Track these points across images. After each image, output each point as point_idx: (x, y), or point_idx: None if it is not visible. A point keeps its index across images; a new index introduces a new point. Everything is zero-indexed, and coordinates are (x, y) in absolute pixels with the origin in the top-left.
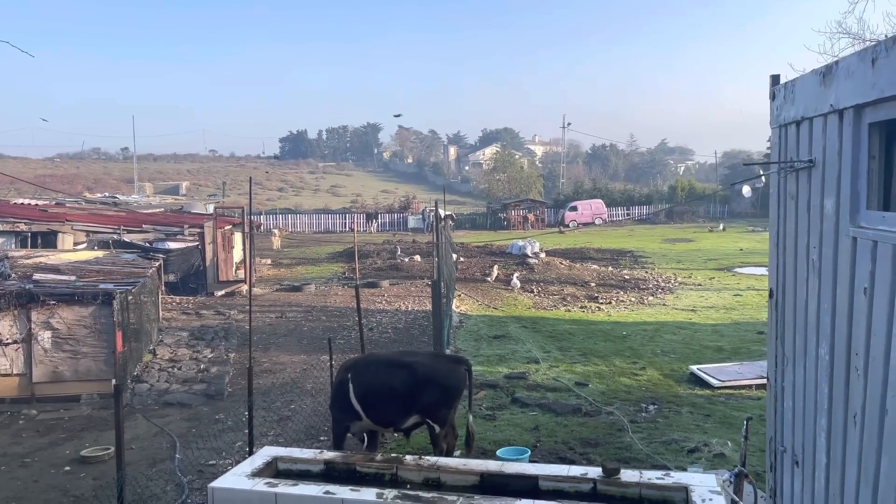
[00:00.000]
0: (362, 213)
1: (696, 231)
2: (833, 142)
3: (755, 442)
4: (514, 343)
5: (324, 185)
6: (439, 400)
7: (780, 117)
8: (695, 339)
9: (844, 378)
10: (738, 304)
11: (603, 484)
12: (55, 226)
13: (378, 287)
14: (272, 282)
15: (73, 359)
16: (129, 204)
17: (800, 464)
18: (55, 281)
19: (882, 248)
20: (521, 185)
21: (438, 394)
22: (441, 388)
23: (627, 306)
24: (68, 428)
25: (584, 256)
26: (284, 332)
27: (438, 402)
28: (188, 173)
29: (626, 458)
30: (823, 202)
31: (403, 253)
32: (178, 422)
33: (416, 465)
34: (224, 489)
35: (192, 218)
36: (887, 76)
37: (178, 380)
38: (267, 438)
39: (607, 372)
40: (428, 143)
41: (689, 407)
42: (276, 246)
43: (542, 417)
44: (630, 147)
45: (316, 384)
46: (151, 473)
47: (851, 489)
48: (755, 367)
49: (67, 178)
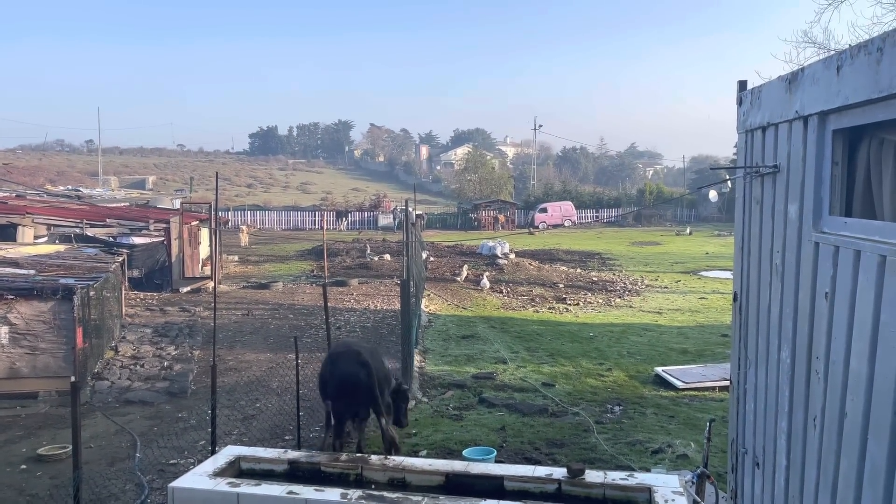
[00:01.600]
0: (332, 211)
1: (664, 234)
2: (797, 148)
3: (718, 443)
4: (483, 343)
5: (294, 181)
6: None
7: (747, 123)
8: (660, 341)
9: (805, 381)
10: (704, 307)
11: (568, 484)
12: (15, 218)
13: (347, 286)
14: (239, 279)
15: (31, 355)
16: (93, 197)
17: (760, 465)
18: (13, 275)
19: (843, 254)
20: (492, 186)
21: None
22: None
23: (595, 308)
24: (25, 426)
25: (553, 258)
26: (251, 329)
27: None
28: (155, 167)
29: (591, 458)
30: (787, 207)
31: (373, 251)
32: (140, 420)
33: (381, 466)
34: (185, 489)
35: (158, 213)
36: (852, 84)
37: (140, 377)
38: (231, 437)
39: (574, 373)
40: (400, 141)
41: (654, 408)
42: (243, 243)
43: (508, 418)
44: (600, 150)
45: (282, 383)
46: (110, 473)
47: (811, 491)
48: (719, 369)
49: (29, 170)
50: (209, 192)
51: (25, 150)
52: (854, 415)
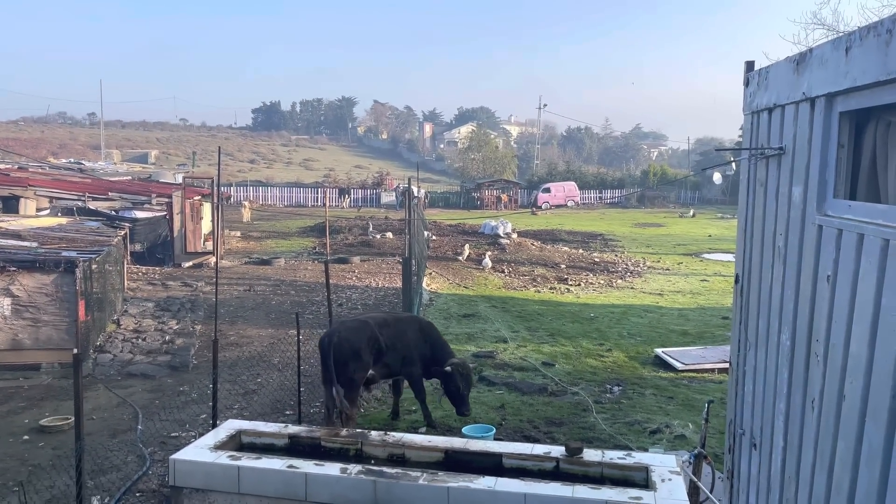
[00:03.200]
0: (335, 188)
1: (667, 216)
2: (804, 130)
3: (716, 424)
4: (483, 322)
5: (296, 158)
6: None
7: (753, 104)
8: (661, 323)
9: (804, 364)
10: (705, 289)
11: (566, 463)
12: (17, 191)
13: (349, 263)
14: (241, 254)
15: (33, 327)
16: (96, 171)
17: (757, 446)
18: (16, 247)
19: (847, 237)
20: (496, 165)
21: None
22: None
23: (596, 288)
24: (28, 397)
25: (555, 238)
26: (252, 305)
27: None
28: (157, 141)
29: (589, 437)
30: (791, 190)
31: (375, 229)
32: (141, 393)
33: (381, 442)
34: (186, 461)
35: (161, 187)
36: (860, 65)
37: (142, 351)
38: (232, 412)
39: (574, 353)
40: (403, 119)
41: (653, 389)
42: (246, 218)
43: (508, 396)
44: (605, 131)
45: (283, 358)
46: (112, 444)
47: (807, 472)
48: (718, 351)
49: (31, 143)
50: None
51: (28, 122)
52: (852, 397)
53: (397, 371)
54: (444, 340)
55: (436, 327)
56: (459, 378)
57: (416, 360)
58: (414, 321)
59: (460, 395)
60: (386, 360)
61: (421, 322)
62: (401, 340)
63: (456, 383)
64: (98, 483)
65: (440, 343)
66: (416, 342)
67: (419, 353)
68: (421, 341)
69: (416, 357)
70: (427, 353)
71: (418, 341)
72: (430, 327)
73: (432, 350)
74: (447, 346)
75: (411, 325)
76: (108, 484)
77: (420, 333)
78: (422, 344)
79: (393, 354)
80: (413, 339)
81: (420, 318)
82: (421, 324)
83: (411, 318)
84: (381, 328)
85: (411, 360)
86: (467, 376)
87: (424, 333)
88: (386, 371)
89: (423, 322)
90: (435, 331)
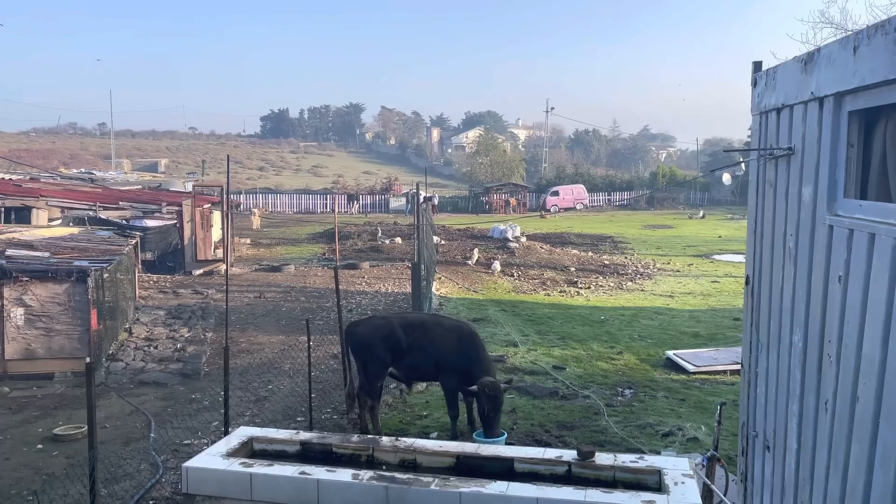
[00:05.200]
0: (343, 194)
1: (676, 218)
2: (812, 129)
3: (728, 426)
4: (494, 326)
5: (305, 164)
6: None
7: (761, 104)
8: (672, 325)
9: (817, 365)
10: (716, 290)
11: (578, 467)
12: (29, 201)
13: (358, 268)
14: (251, 262)
15: (46, 336)
16: (106, 180)
17: (771, 449)
18: (28, 257)
19: (858, 237)
20: (504, 169)
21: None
22: None
23: (606, 291)
24: (41, 406)
25: (564, 241)
26: (263, 312)
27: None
28: (167, 150)
29: (601, 441)
30: (801, 190)
31: (384, 235)
32: (154, 401)
33: (392, 447)
34: (199, 469)
35: (171, 196)
36: (869, 64)
37: (154, 359)
38: (243, 419)
39: (585, 356)
40: (411, 124)
41: (665, 391)
42: (255, 226)
43: (519, 400)
44: (613, 133)
45: (294, 365)
46: (125, 452)
47: (821, 475)
48: (730, 352)
49: (42, 153)
50: (221, 175)
51: (39, 133)
52: (866, 399)
53: (430, 375)
54: (486, 356)
55: (479, 341)
56: (486, 399)
57: (452, 371)
58: (455, 329)
59: (486, 417)
60: (410, 362)
61: (463, 331)
62: (432, 345)
63: (482, 404)
64: (112, 491)
65: (478, 358)
66: (452, 351)
67: (454, 364)
68: (457, 352)
69: (452, 367)
70: (462, 366)
71: (454, 351)
72: (471, 339)
73: (468, 363)
74: (486, 362)
75: (451, 332)
76: (122, 492)
77: (458, 343)
78: (457, 355)
79: (419, 357)
80: (448, 348)
81: (464, 328)
82: (462, 333)
83: (455, 326)
84: (407, 328)
85: (446, 368)
86: (495, 398)
87: (462, 344)
88: (413, 373)
89: (465, 332)
90: (476, 344)
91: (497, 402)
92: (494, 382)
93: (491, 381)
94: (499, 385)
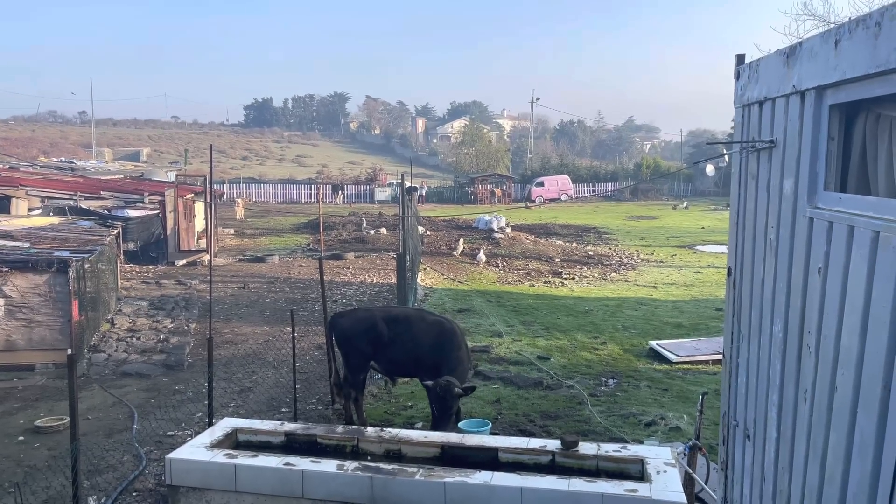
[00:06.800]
0: (328, 185)
1: (660, 209)
2: (794, 122)
3: (710, 416)
4: (478, 317)
5: (289, 154)
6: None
7: (744, 97)
8: (655, 315)
9: (797, 355)
10: (699, 281)
11: (561, 456)
12: (8, 191)
13: (343, 259)
14: (235, 252)
15: (27, 327)
16: (87, 170)
17: (751, 437)
18: (8, 247)
19: (837, 230)
20: (489, 160)
21: None
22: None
23: (590, 282)
24: (22, 397)
25: (549, 232)
26: (247, 303)
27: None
28: (149, 139)
29: (584, 430)
30: (783, 182)
31: (369, 225)
32: (137, 392)
33: (377, 438)
34: (182, 460)
35: (153, 185)
36: (849, 58)
37: (136, 350)
38: (227, 410)
39: (569, 346)
40: (396, 114)
41: (648, 381)
42: (239, 216)
43: (503, 390)
44: (598, 124)
45: (278, 356)
46: (108, 444)
47: (800, 463)
48: (713, 343)
49: (22, 142)
50: (204, 164)
51: (18, 121)
52: (844, 389)
53: (411, 371)
54: (460, 356)
55: (458, 339)
56: (434, 397)
57: (430, 368)
58: (436, 325)
59: (434, 417)
60: (391, 356)
61: (444, 328)
62: (412, 341)
63: (431, 402)
64: (94, 483)
65: (450, 357)
66: (430, 348)
67: (432, 361)
68: (434, 348)
69: (430, 364)
70: (435, 362)
71: (432, 347)
72: (450, 336)
73: (439, 360)
74: (457, 362)
75: (431, 328)
76: (105, 484)
77: (436, 339)
78: (433, 351)
79: (399, 352)
80: (427, 344)
81: (445, 325)
82: (443, 330)
83: (436, 322)
84: (389, 322)
85: (425, 365)
86: (443, 399)
87: (440, 340)
88: (394, 367)
89: (446, 329)
90: (453, 342)
91: (444, 403)
92: (448, 383)
93: (445, 381)
94: (451, 387)
